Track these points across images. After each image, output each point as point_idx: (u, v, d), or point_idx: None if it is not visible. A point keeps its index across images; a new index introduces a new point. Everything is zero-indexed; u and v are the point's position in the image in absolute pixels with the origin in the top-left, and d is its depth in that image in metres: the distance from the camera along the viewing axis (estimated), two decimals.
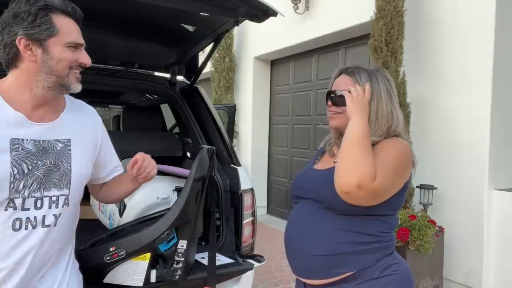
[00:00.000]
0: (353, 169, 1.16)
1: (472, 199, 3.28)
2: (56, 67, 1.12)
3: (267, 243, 4.65)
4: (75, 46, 1.15)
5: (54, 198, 1.17)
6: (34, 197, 1.13)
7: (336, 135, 1.44)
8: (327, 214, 1.30)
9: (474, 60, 3.28)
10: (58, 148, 1.19)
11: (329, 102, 1.38)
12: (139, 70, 2.65)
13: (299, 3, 5.10)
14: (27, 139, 1.13)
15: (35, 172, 1.13)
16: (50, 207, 1.16)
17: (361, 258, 1.25)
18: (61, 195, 1.18)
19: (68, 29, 1.13)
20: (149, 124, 3.21)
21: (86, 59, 1.18)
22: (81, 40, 1.17)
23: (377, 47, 3.60)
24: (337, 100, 1.35)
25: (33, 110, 1.15)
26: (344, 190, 1.18)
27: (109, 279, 1.67)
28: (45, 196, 1.15)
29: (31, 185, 1.12)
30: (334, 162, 1.37)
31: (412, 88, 3.61)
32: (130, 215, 2.11)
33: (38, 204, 1.14)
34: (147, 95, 3.31)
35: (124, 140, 2.64)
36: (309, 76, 5.73)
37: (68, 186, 1.20)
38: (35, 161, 1.13)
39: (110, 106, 4.68)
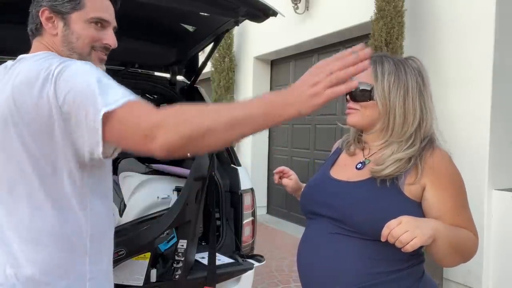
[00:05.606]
0: (459, 259, 1.16)
1: (472, 199, 3.24)
2: (77, 44, 1.06)
3: (267, 243, 4.64)
4: (100, 24, 1.08)
5: None
6: None
7: (355, 135, 1.25)
8: (350, 239, 1.09)
9: (474, 59, 3.28)
10: None
11: (348, 96, 1.15)
12: (139, 70, 2.65)
13: (299, 3, 5.10)
14: None
15: None
16: None
17: (394, 287, 1.09)
18: None
19: (95, 4, 1.07)
20: None
21: (111, 40, 1.10)
22: (107, 17, 1.09)
23: (377, 47, 3.60)
24: (356, 95, 1.13)
25: None
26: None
27: None
28: None
29: None
30: (357, 167, 1.18)
31: None
32: (130, 215, 2.11)
33: None
34: (147, 95, 3.31)
35: None
36: None
37: None
38: None
39: None
